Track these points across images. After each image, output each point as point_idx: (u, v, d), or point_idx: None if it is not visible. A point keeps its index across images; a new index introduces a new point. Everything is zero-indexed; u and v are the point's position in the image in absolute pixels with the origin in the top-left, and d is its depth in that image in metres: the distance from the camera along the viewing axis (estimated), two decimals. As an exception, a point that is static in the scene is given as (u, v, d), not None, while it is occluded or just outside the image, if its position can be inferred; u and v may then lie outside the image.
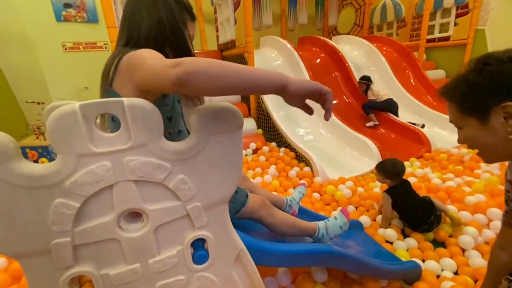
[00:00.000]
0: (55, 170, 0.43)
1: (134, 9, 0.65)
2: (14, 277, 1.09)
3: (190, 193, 0.53)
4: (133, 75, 0.55)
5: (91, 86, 3.60)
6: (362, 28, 4.16)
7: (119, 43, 0.66)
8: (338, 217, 0.97)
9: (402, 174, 1.36)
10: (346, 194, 1.68)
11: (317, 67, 3.02)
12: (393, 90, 3.01)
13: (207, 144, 0.52)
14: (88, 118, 0.43)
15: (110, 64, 0.62)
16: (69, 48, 3.43)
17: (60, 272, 0.48)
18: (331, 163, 2.08)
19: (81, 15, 3.39)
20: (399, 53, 3.47)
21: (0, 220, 0.42)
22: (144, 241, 0.52)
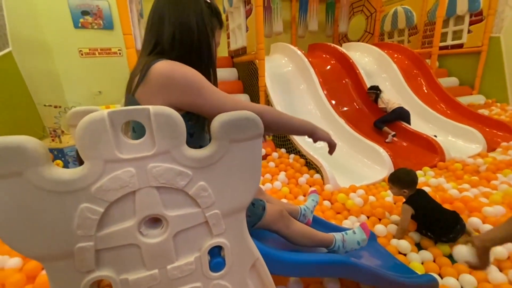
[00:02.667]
0: (82, 175, 0.44)
1: (162, 11, 0.62)
2: (29, 277, 1.10)
3: (210, 200, 0.54)
4: (172, 94, 0.56)
5: (104, 91, 3.70)
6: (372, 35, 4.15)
7: (145, 50, 0.64)
8: (357, 232, 0.94)
9: (417, 181, 1.34)
10: (357, 202, 1.65)
11: (327, 73, 3.02)
12: (405, 98, 2.98)
13: (227, 151, 0.53)
14: (115, 125, 0.44)
15: (135, 73, 0.61)
16: (85, 54, 3.55)
17: (82, 276, 0.49)
18: (341, 170, 2.05)
19: (98, 22, 3.51)
20: (410, 60, 3.44)
21: (28, 224, 0.43)
22: (163, 247, 0.53)
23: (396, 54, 3.51)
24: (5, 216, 0.41)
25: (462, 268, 1.12)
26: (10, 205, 0.41)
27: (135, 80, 0.60)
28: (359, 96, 2.93)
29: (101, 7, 3.48)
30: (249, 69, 2.81)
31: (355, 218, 1.56)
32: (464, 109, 2.93)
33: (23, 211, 0.42)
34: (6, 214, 0.41)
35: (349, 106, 2.87)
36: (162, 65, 0.56)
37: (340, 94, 2.89)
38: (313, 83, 2.72)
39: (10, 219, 0.42)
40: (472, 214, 1.41)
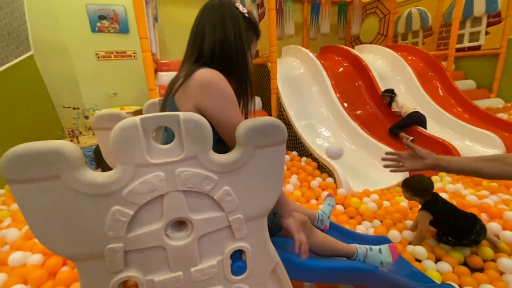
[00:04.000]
0: (115, 179, 0.45)
1: (204, 26, 0.67)
2: (50, 273, 1.14)
3: (233, 205, 0.55)
4: (203, 98, 0.59)
5: (119, 93, 3.80)
6: (386, 37, 4.09)
7: (189, 59, 0.69)
8: (383, 251, 0.89)
9: (431, 189, 1.31)
10: (371, 207, 1.62)
11: (339, 76, 3.00)
12: (420, 101, 2.91)
13: (252, 157, 0.54)
14: (146, 131, 0.46)
15: (177, 78, 0.66)
16: (101, 57, 3.65)
17: (111, 276, 0.50)
18: (354, 174, 2.03)
19: (114, 26, 3.61)
20: (425, 63, 3.37)
21: (64, 224, 0.45)
22: (188, 250, 0.54)
23: (410, 56, 3.45)
24: (42, 218, 0.43)
25: (481, 278, 1.09)
26: (48, 207, 0.43)
27: (177, 84, 0.64)
28: (372, 99, 2.89)
29: (117, 11, 3.58)
30: (261, 71, 2.82)
31: (369, 223, 1.54)
32: (482, 113, 2.84)
33: (60, 213, 0.44)
34: (43, 215, 0.43)
35: (362, 109, 2.84)
36: (204, 72, 0.60)
37: (352, 97, 2.86)
38: (325, 86, 2.70)
39: (47, 220, 0.44)
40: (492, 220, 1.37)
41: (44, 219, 0.43)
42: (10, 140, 2.13)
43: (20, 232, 1.40)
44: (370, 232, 1.46)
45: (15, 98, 2.28)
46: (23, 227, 1.44)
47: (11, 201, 1.83)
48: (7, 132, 2.11)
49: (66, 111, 2.88)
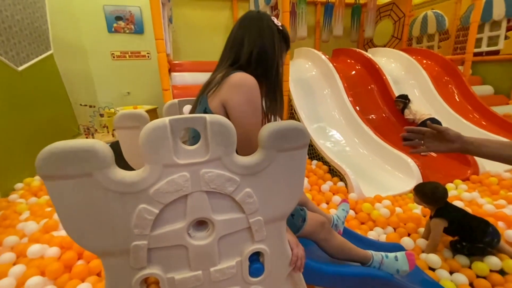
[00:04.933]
0: (142, 178, 0.47)
1: (243, 34, 0.72)
2: (66, 266, 1.17)
3: (254, 207, 0.55)
4: (231, 96, 0.62)
5: (132, 92, 3.88)
6: (400, 40, 4.02)
7: (224, 63, 0.74)
8: (399, 259, 0.88)
9: (444, 199, 1.28)
10: (384, 213, 1.60)
11: (352, 78, 2.97)
12: (435, 106, 2.85)
13: (274, 160, 0.54)
14: (174, 132, 0.47)
15: (212, 79, 0.70)
16: (116, 57, 3.74)
17: (134, 272, 0.52)
18: (366, 179, 2.00)
19: (129, 26, 3.70)
20: (441, 67, 3.29)
21: (93, 221, 0.46)
22: (208, 250, 0.55)
23: (425, 60, 3.38)
24: (73, 213, 0.45)
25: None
26: (79, 203, 0.45)
27: (212, 84, 0.69)
28: (385, 104, 2.85)
29: (133, 12, 3.66)
30: (273, 73, 2.81)
31: (380, 230, 1.52)
32: (500, 119, 2.76)
33: (90, 210, 0.45)
34: (74, 211, 0.45)
35: (375, 113, 2.80)
36: (240, 74, 0.65)
37: (365, 101, 2.82)
38: (337, 88, 2.68)
39: (78, 216, 0.45)
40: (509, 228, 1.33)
41: (75, 215, 0.45)
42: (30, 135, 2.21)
43: (38, 225, 1.45)
44: (382, 238, 1.44)
45: (35, 95, 2.36)
46: (41, 221, 1.49)
47: (29, 194, 1.89)
48: (27, 127, 2.19)
49: (82, 109, 2.97)
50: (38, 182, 2.06)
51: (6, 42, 2.10)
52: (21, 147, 2.09)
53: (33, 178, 2.11)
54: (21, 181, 2.03)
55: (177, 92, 2.69)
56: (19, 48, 2.25)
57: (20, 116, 2.12)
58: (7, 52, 2.09)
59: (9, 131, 1.96)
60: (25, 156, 2.12)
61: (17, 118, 2.08)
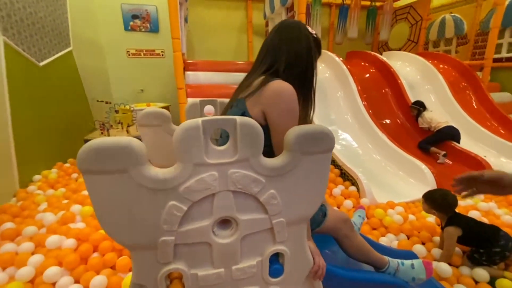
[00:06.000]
0: (174, 175, 0.48)
1: (280, 41, 0.75)
2: (82, 258, 1.20)
3: (278, 208, 0.56)
4: (270, 106, 0.65)
5: (146, 89, 3.95)
6: (416, 44, 3.95)
7: (259, 69, 0.76)
8: (416, 267, 0.88)
9: (453, 207, 1.27)
10: (397, 220, 1.58)
11: (366, 81, 2.93)
12: (451, 112, 2.79)
13: (299, 163, 0.55)
14: (206, 132, 0.48)
15: (247, 83, 0.73)
16: (132, 54, 3.82)
17: (161, 267, 0.53)
18: (379, 185, 1.98)
19: (145, 25, 3.77)
20: (458, 72, 3.22)
21: (126, 215, 0.48)
22: (231, 248, 0.56)
23: (442, 65, 3.31)
24: (108, 207, 0.47)
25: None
26: (114, 197, 0.47)
27: (250, 89, 0.71)
28: (400, 109, 2.81)
29: (150, 11, 3.73)
30: (286, 75, 2.80)
31: (393, 236, 1.50)
32: (519, 128, 2.68)
33: (123, 204, 0.47)
34: (109, 205, 0.47)
35: (389, 117, 2.76)
36: (279, 82, 0.67)
37: (379, 105, 2.79)
38: (351, 91, 2.66)
39: (112, 210, 0.47)
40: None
41: (109, 209, 0.47)
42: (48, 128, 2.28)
43: (55, 216, 1.50)
44: (393, 245, 1.43)
45: (54, 90, 2.43)
46: (58, 212, 1.54)
47: (46, 186, 1.95)
48: (45, 121, 2.26)
49: (97, 105, 3.04)
50: (55, 175, 2.12)
51: (29, 38, 2.18)
52: (39, 140, 2.16)
53: (50, 170, 2.18)
54: (39, 173, 2.10)
55: (190, 91, 2.72)
56: (41, 44, 2.32)
57: (39, 110, 2.19)
58: (30, 48, 2.17)
59: (29, 124, 2.03)
60: (43, 149, 2.20)
61: (37, 112, 2.15)
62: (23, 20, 2.09)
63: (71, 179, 2.13)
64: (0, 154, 1.75)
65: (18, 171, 1.88)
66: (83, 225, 1.43)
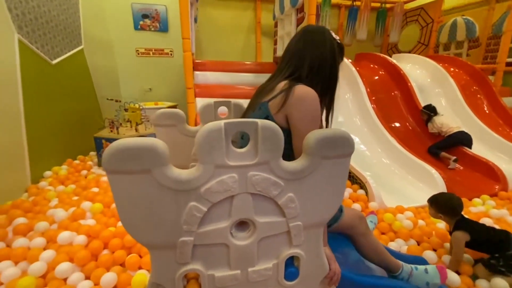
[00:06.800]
0: (195, 177, 0.48)
1: (304, 46, 0.75)
2: (93, 255, 1.22)
3: (295, 212, 0.56)
4: (294, 111, 0.66)
5: (154, 88, 3.98)
6: (427, 46, 3.90)
7: (283, 72, 0.77)
8: (430, 272, 0.88)
9: (459, 210, 1.24)
10: (406, 225, 1.56)
11: (375, 84, 2.91)
12: (462, 117, 2.74)
13: (318, 167, 0.54)
14: (228, 135, 0.48)
15: (270, 87, 0.74)
16: (141, 53, 3.85)
17: (179, 267, 0.54)
18: (387, 189, 1.96)
19: (155, 24, 3.80)
20: (470, 76, 3.17)
21: (147, 215, 0.48)
22: (248, 250, 0.56)
23: (452, 68, 3.26)
24: (131, 207, 0.47)
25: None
26: (137, 197, 0.47)
27: (273, 93, 0.72)
28: (409, 111, 2.77)
29: (159, 11, 3.76)
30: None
31: (402, 241, 1.48)
32: (532, 134, 2.62)
33: (145, 204, 0.48)
34: (132, 205, 0.47)
35: (398, 120, 2.73)
36: (301, 88, 0.68)
37: (388, 107, 2.76)
38: (360, 93, 2.64)
39: (134, 209, 0.48)
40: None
41: (132, 208, 0.47)
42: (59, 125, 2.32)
43: (66, 212, 1.52)
44: (403, 250, 1.41)
45: (66, 87, 2.47)
46: (69, 208, 1.56)
47: (57, 182, 1.98)
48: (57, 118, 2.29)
49: (106, 103, 3.08)
50: (65, 171, 2.16)
51: (43, 36, 2.21)
52: (51, 136, 2.20)
53: (61, 167, 2.22)
54: (50, 169, 2.13)
55: (198, 91, 2.74)
56: (54, 42, 2.36)
57: (51, 107, 2.23)
58: (43, 46, 2.20)
59: (41, 121, 2.07)
60: (54, 145, 2.23)
61: (48, 109, 2.19)
62: (37, 18, 2.13)
63: (80, 176, 2.16)
64: (14, 150, 1.78)
65: (30, 167, 1.91)
66: (93, 222, 1.45)
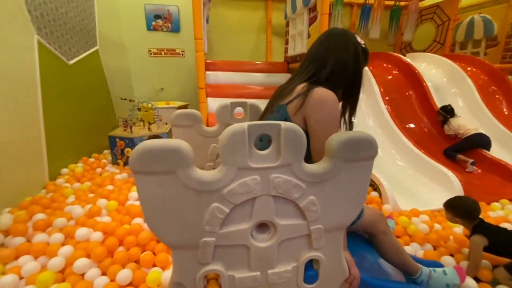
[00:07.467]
0: (218, 178, 0.49)
1: (326, 50, 0.74)
2: (109, 251, 1.24)
3: (316, 215, 0.55)
4: (312, 113, 0.66)
5: (166, 88, 4.03)
6: (443, 45, 3.79)
7: (302, 75, 0.76)
8: (448, 273, 0.87)
9: (476, 213, 1.20)
10: (422, 229, 1.52)
11: (388, 83, 2.85)
12: (480, 118, 2.65)
13: (341, 170, 0.54)
14: (251, 137, 0.48)
15: (289, 89, 0.73)
16: (153, 54, 3.91)
17: (200, 267, 0.54)
18: (402, 191, 1.92)
19: (167, 25, 3.85)
20: (488, 76, 3.06)
21: (171, 215, 0.49)
22: (268, 252, 0.56)
23: (469, 67, 3.16)
24: (155, 207, 0.48)
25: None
26: (161, 197, 0.48)
27: (292, 95, 0.71)
28: (424, 112, 2.71)
29: (171, 11, 3.80)
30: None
31: (418, 246, 1.44)
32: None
33: (170, 204, 0.48)
34: (156, 205, 0.48)
35: (413, 121, 2.66)
36: (321, 90, 0.67)
37: (402, 108, 2.70)
38: (373, 94, 2.60)
39: (159, 209, 0.48)
40: None
41: (156, 208, 0.48)
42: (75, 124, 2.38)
43: (83, 209, 1.56)
44: (419, 255, 1.38)
45: (81, 87, 2.54)
46: (85, 205, 1.60)
47: (73, 180, 2.03)
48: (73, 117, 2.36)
49: (120, 102, 3.14)
50: (80, 169, 2.21)
51: (61, 38, 2.28)
52: (67, 135, 2.26)
53: (76, 164, 2.28)
54: (66, 166, 2.20)
55: (210, 91, 2.75)
56: (71, 43, 2.43)
57: (68, 106, 2.29)
58: (60, 46, 2.27)
59: (58, 119, 2.13)
60: (70, 143, 2.29)
61: (65, 108, 2.25)
62: (55, 20, 2.19)
63: (95, 174, 2.21)
64: (33, 148, 1.84)
65: (48, 164, 1.97)
66: (108, 219, 1.48)
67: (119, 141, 2.36)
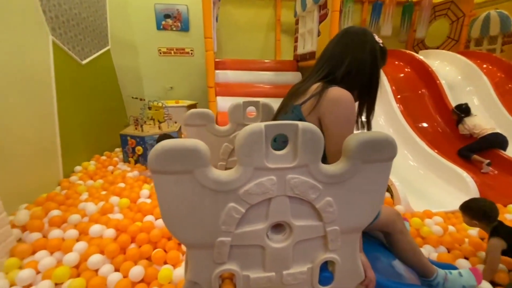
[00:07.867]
0: (235, 178, 0.48)
1: (343, 49, 0.72)
2: (122, 248, 1.26)
3: (333, 216, 0.55)
4: (327, 113, 0.64)
5: (175, 87, 4.07)
6: (457, 42, 3.68)
7: (317, 74, 0.75)
8: (464, 275, 0.86)
9: (494, 215, 1.17)
10: (435, 231, 1.49)
11: (400, 82, 2.79)
12: (496, 116, 2.57)
13: (358, 171, 0.53)
14: (268, 137, 0.48)
15: (303, 88, 0.72)
16: (163, 53, 3.95)
17: (215, 266, 0.54)
18: (414, 192, 1.87)
19: (176, 24, 3.88)
20: (505, 73, 2.96)
21: (188, 214, 0.49)
22: (283, 253, 0.56)
23: (485, 65, 3.06)
24: (173, 206, 0.48)
25: None
26: (179, 197, 0.48)
27: (307, 95, 0.70)
28: (438, 111, 2.64)
29: (181, 11, 3.83)
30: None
31: (431, 248, 1.41)
32: None
33: (187, 204, 0.48)
34: (174, 204, 0.48)
35: (426, 120, 2.60)
36: (336, 90, 0.66)
37: (415, 106, 2.64)
38: (384, 92, 2.54)
39: (176, 208, 0.49)
40: None
41: (173, 207, 0.48)
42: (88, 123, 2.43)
43: (96, 206, 1.59)
44: (432, 257, 1.35)
45: (94, 87, 2.59)
46: (98, 202, 1.63)
47: (86, 177, 2.08)
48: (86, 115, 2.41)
49: (131, 101, 3.19)
50: (93, 166, 2.26)
51: (74, 38, 2.32)
52: (80, 133, 2.31)
53: (89, 162, 2.33)
54: (80, 164, 2.25)
55: (219, 90, 2.76)
56: (84, 43, 2.47)
57: (81, 105, 2.34)
58: (74, 47, 2.32)
59: (72, 118, 2.18)
60: (83, 141, 2.35)
61: (78, 107, 2.30)
62: (69, 20, 2.24)
63: (107, 171, 2.25)
64: (48, 146, 1.89)
65: (62, 162, 2.02)
66: (121, 216, 1.51)
67: (130, 139, 2.39)
